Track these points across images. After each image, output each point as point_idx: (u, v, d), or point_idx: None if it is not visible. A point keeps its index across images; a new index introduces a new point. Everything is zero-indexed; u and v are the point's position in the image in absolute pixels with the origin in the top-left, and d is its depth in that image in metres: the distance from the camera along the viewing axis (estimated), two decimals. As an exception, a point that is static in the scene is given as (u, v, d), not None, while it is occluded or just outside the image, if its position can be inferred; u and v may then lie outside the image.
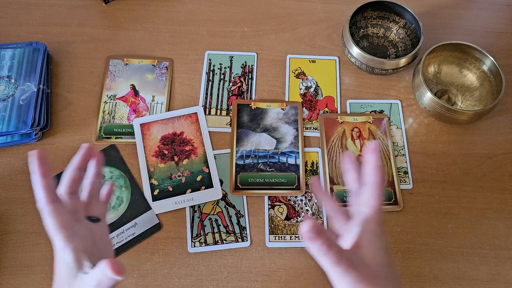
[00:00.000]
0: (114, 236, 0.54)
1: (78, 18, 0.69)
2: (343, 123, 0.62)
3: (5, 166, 0.58)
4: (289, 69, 0.66)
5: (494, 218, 0.56)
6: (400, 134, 0.61)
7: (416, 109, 0.63)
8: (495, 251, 0.55)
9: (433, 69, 0.65)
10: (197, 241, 0.54)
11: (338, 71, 0.66)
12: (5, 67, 0.61)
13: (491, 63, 0.61)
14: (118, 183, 0.57)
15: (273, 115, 0.62)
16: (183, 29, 0.69)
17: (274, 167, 0.59)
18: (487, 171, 0.59)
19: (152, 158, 0.59)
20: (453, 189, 0.58)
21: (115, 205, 0.56)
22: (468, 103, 0.63)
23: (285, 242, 0.55)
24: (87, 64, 0.65)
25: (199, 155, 0.59)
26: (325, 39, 0.69)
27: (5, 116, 0.58)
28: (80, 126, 0.61)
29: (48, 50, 0.65)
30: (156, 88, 0.64)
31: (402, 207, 0.57)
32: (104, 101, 0.63)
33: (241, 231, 0.55)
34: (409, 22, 0.65)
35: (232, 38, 0.68)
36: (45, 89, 0.61)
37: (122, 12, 0.70)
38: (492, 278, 0.53)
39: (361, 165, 0.41)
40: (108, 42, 0.67)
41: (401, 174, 0.59)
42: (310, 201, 0.57)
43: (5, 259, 0.53)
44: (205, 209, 0.56)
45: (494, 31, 0.70)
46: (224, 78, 0.65)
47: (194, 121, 0.61)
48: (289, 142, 0.60)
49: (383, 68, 0.61)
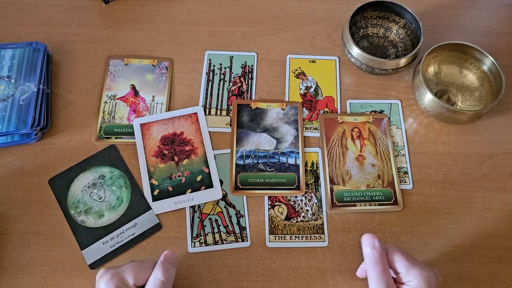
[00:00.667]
0: (114, 236, 0.54)
1: (78, 18, 0.69)
2: (343, 123, 0.62)
3: (5, 166, 0.58)
4: (289, 69, 0.66)
5: (494, 218, 0.56)
6: (400, 134, 0.61)
7: (416, 109, 0.63)
8: (495, 251, 0.55)
9: (433, 69, 0.65)
10: (197, 241, 0.54)
11: (338, 71, 0.66)
12: (5, 67, 0.61)
13: (491, 63, 0.61)
14: (118, 183, 0.57)
15: (273, 115, 0.62)
16: (183, 29, 0.69)
17: (274, 167, 0.59)
18: (487, 171, 0.59)
19: (152, 158, 0.59)
20: (453, 189, 0.58)
21: (115, 205, 0.56)
22: (468, 103, 0.63)
23: (285, 242, 0.55)
24: (87, 64, 0.65)
25: (199, 155, 0.59)
26: (325, 39, 0.69)
27: (5, 116, 0.58)
28: (80, 126, 0.61)
29: (48, 50, 0.65)
30: (156, 88, 0.64)
31: (402, 207, 0.57)
32: (104, 101, 0.63)
33: (241, 231, 0.55)
34: (409, 22, 0.65)
35: (232, 38, 0.68)
36: (45, 89, 0.61)
37: (122, 12, 0.70)
38: (492, 278, 0.53)
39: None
40: (108, 42, 0.67)
41: (401, 174, 0.59)
42: (310, 201, 0.57)
43: (5, 259, 0.53)
44: (205, 209, 0.56)
45: (494, 31, 0.70)
46: (224, 78, 0.65)
47: (194, 121, 0.61)
48: (289, 142, 0.60)
49: (383, 68, 0.61)
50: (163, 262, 0.45)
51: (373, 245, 0.44)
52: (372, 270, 0.43)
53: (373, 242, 0.44)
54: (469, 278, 0.53)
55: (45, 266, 0.53)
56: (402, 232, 0.55)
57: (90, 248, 0.53)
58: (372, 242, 0.45)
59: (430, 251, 0.54)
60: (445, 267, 0.54)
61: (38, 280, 0.52)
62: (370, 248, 0.44)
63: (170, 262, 0.45)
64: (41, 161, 0.58)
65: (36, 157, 0.59)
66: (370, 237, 0.45)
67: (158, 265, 0.44)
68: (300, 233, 0.55)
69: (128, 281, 0.42)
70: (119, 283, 0.42)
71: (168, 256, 0.46)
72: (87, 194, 0.56)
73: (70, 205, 0.56)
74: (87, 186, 0.57)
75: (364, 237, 0.45)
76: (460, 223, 0.56)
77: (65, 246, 0.54)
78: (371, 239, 0.45)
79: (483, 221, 0.56)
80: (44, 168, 0.58)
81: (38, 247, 0.54)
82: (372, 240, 0.45)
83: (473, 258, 0.54)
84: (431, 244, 0.55)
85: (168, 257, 0.45)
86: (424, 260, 0.54)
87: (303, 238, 0.55)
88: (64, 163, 0.58)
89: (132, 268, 0.43)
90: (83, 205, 0.56)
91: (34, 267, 0.53)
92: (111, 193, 0.57)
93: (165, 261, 0.45)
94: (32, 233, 0.54)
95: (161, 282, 0.43)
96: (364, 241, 0.45)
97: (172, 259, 0.46)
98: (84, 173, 0.57)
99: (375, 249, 0.44)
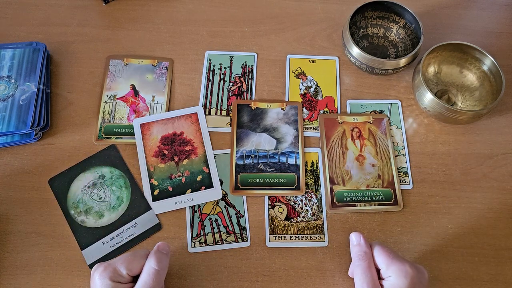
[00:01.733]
0: (114, 236, 0.54)
1: (78, 18, 0.69)
2: (343, 123, 0.62)
3: (5, 166, 0.58)
4: (289, 69, 0.66)
5: (494, 218, 0.56)
6: (400, 134, 0.61)
7: (416, 109, 0.63)
8: (495, 251, 0.55)
9: (433, 69, 0.65)
10: (197, 241, 0.54)
11: (338, 71, 0.66)
12: (5, 67, 0.61)
13: (491, 63, 0.61)
14: (118, 183, 0.57)
15: (273, 115, 0.62)
16: (183, 29, 0.69)
17: (274, 167, 0.59)
18: (487, 171, 0.59)
19: (152, 158, 0.59)
20: (453, 189, 0.58)
21: (115, 205, 0.56)
22: (468, 103, 0.63)
23: (285, 242, 0.55)
24: (87, 64, 0.65)
25: (199, 155, 0.59)
26: (325, 39, 0.69)
27: (5, 116, 0.58)
28: (80, 126, 0.61)
29: (48, 50, 0.65)
30: (156, 88, 0.64)
31: (402, 207, 0.57)
32: (104, 101, 0.63)
33: (241, 231, 0.55)
34: (409, 22, 0.65)
35: (232, 38, 0.68)
36: (45, 89, 0.61)
37: (122, 12, 0.70)
38: (492, 278, 0.53)
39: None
40: (108, 42, 0.67)
41: (401, 174, 0.59)
42: (310, 201, 0.57)
43: (5, 259, 0.53)
44: (205, 209, 0.56)
45: (494, 31, 0.70)
46: (224, 78, 0.65)
47: (194, 121, 0.61)
48: (289, 142, 0.60)
49: (383, 68, 0.61)
50: (157, 251, 0.45)
51: (359, 242, 0.45)
52: (356, 266, 0.44)
53: (359, 240, 0.46)
54: (469, 278, 0.53)
55: (45, 266, 0.53)
56: (402, 232, 0.55)
57: (90, 248, 0.53)
58: (358, 240, 0.46)
59: (430, 251, 0.54)
60: (445, 267, 0.54)
61: (38, 280, 0.52)
62: (355, 245, 0.46)
63: (163, 252, 0.46)
64: (41, 161, 0.58)
65: (36, 157, 0.59)
66: (356, 235, 0.46)
67: (152, 254, 0.45)
68: (300, 233, 0.55)
69: (121, 271, 0.43)
70: (112, 274, 0.42)
71: (162, 247, 0.46)
72: (87, 194, 0.56)
73: (70, 205, 0.56)
74: (87, 186, 0.57)
75: (351, 235, 0.47)
76: (460, 223, 0.56)
77: (65, 246, 0.54)
78: (357, 237, 0.46)
79: (483, 221, 0.56)
80: (44, 168, 0.58)
81: (38, 247, 0.54)
82: (357, 237, 0.46)
83: (473, 258, 0.54)
84: (431, 244, 0.55)
85: (161, 247, 0.46)
86: (424, 260, 0.54)
87: (303, 238, 0.55)
88: (64, 163, 0.58)
89: (125, 258, 0.44)
90: (83, 205, 0.56)
91: (34, 267, 0.53)
92: (111, 193, 0.57)
93: (158, 251, 0.45)
94: (32, 233, 0.54)
95: (154, 270, 0.43)
96: (350, 240, 0.47)
97: (166, 250, 0.46)
98: (84, 173, 0.57)
99: (359, 246, 0.45)
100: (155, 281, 0.43)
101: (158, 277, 0.43)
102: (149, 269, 0.43)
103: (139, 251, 0.46)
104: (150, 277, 0.43)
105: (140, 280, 0.43)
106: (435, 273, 0.53)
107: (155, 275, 0.43)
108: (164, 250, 0.46)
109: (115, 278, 0.42)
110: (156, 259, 0.44)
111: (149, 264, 0.44)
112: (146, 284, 0.42)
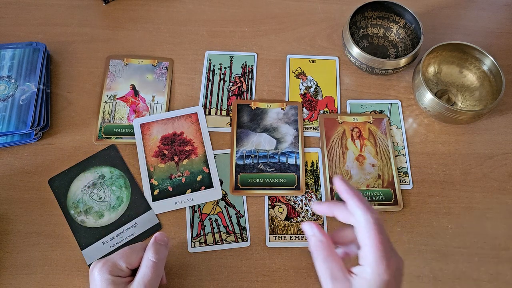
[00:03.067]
0: (114, 236, 0.54)
1: (78, 18, 0.69)
2: (343, 123, 0.62)
3: (5, 166, 0.58)
4: (289, 69, 0.66)
5: (494, 218, 0.56)
6: (400, 134, 0.61)
7: (416, 109, 0.63)
8: (495, 251, 0.55)
9: (433, 69, 0.65)
10: (197, 241, 0.54)
11: (338, 71, 0.66)
12: (5, 67, 0.61)
13: (491, 63, 0.61)
14: (118, 183, 0.57)
15: (273, 115, 0.62)
16: (183, 29, 0.69)
17: (274, 167, 0.59)
18: (487, 171, 0.59)
19: (152, 158, 0.59)
20: (453, 189, 0.58)
21: (115, 205, 0.56)
22: (468, 103, 0.63)
23: (285, 242, 0.55)
24: (87, 64, 0.65)
25: (199, 155, 0.59)
26: (325, 39, 0.69)
27: (5, 116, 0.58)
28: (80, 126, 0.61)
29: (48, 50, 0.65)
30: (156, 88, 0.64)
31: (402, 207, 0.57)
32: (104, 101, 0.63)
33: (241, 231, 0.55)
34: (409, 22, 0.65)
35: (232, 38, 0.68)
36: (45, 89, 0.61)
37: (122, 12, 0.70)
38: (492, 278, 0.53)
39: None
40: (108, 42, 0.67)
41: (401, 174, 0.59)
42: (310, 201, 0.57)
43: (5, 259, 0.53)
44: (205, 209, 0.56)
45: (494, 31, 0.70)
46: (224, 78, 0.65)
47: (194, 121, 0.61)
48: (289, 142, 0.60)
49: (383, 68, 0.61)
50: (154, 243, 0.45)
51: (313, 233, 0.42)
52: (315, 259, 0.41)
53: (312, 230, 0.42)
54: (469, 278, 0.53)
55: (45, 266, 0.53)
56: (402, 232, 0.55)
57: (90, 248, 0.53)
58: (312, 230, 0.42)
59: (430, 251, 0.54)
60: (445, 267, 0.54)
61: (38, 280, 0.52)
62: (310, 236, 0.42)
63: (161, 243, 0.46)
64: (41, 161, 0.58)
65: (36, 157, 0.59)
66: (308, 225, 0.43)
67: (149, 246, 0.45)
68: (300, 233, 0.55)
69: (121, 265, 0.43)
70: (112, 268, 0.43)
71: (159, 238, 0.46)
72: (87, 194, 0.56)
73: (70, 205, 0.56)
74: (87, 186, 0.57)
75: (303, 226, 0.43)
76: (460, 223, 0.56)
77: (65, 246, 0.54)
78: (310, 227, 0.43)
79: (483, 221, 0.56)
80: (44, 168, 0.58)
81: (38, 247, 0.54)
82: (310, 228, 0.42)
83: (473, 258, 0.54)
84: (431, 244, 0.55)
85: (158, 239, 0.46)
86: (424, 260, 0.54)
87: (303, 238, 0.55)
88: (64, 163, 0.58)
89: (123, 252, 0.44)
90: (83, 205, 0.56)
91: (34, 267, 0.53)
92: (111, 193, 0.57)
93: (155, 243, 0.45)
94: (32, 233, 0.54)
95: (152, 262, 0.43)
96: (304, 231, 0.43)
97: (163, 240, 0.46)
98: (84, 173, 0.57)
99: (314, 236, 0.42)
100: (154, 273, 0.43)
101: (157, 269, 0.44)
102: (147, 261, 0.44)
103: (137, 244, 0.46)
104: (149, 269, 0.43)
105: (139, 273, 0.43)
106: (435, 273, 0.53)
107: (153, 267, 0.43)
108: (161, 241, 0.46)
109: (115, 272, 0.43)
110: (153, 251, 0.44)
111: (147, 256, 0.44)
112: (146, 276, 0.43)
